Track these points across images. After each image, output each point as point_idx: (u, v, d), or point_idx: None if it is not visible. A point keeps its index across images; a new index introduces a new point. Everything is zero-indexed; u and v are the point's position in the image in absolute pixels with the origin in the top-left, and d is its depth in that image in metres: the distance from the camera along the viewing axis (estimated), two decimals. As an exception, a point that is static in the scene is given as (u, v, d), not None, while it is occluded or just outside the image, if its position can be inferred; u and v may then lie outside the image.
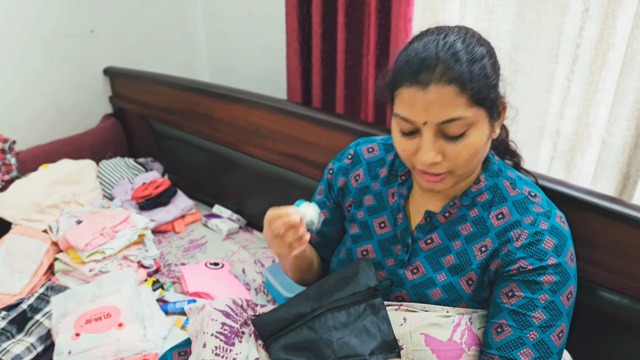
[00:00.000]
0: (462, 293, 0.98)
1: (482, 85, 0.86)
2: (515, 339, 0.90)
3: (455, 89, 0.85)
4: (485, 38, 0.94)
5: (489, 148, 0.96)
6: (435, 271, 1.01)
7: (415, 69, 0.87)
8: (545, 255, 0.91)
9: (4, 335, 1.35)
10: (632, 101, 1.33)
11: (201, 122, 2.05)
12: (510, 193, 0.99)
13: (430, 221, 1.03)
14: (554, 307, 0.90)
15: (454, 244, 1.00)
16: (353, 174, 1.15)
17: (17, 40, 2.01)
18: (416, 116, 0.88)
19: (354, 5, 1.76)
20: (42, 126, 2.18)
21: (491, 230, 0.97)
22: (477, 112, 0.87)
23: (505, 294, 0.93)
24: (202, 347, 1.02)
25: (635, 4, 1.26)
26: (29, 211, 1.75)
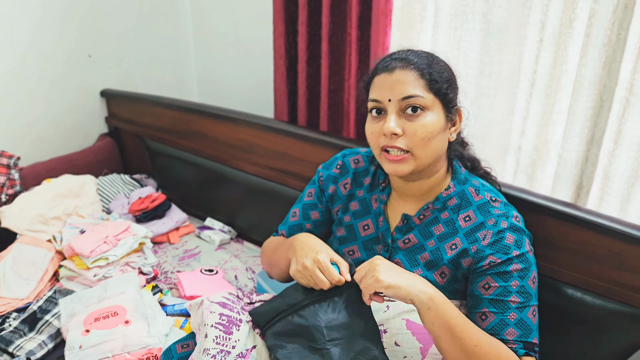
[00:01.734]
0: (437, 285, 1.11)
1: (439, 77, 1.05)
2: (499, 322, 1.03)
3: (416, 73, 1.05)
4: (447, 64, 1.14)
5: (445, 145, 1.11)
6: (412, 267, 1.13)
7: (386, 62, 1.09)
8: (509, 249, 1.06)
9: (17, 333, 1.42)
10: (582, 120, 1.48)
11: (194, 140, 2.16)
12: (474, 198, 1.13)
13: (407, 223, 1.16)
14: (525, 291, 1.04)
15: (428, 243, 1.14)
16: (342, 182, 1.28)
17: (21, 64, 2.10)
18: (383, 95, 1.06)
19: (336, 34, 1.90)
20: (42, 144, 2.26)
21: (460, 231, 1.11)
22: (434, 99, 1.06)
23: (482, 287, 1.06)
24: (204, 338, 1.11)
25: (582, 36, 1.42)
26: (34, 222, 1.83)
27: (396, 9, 1.73)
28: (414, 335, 1.06)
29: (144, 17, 2.49)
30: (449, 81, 1.08)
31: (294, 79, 2.11)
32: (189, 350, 1.22)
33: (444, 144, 1.11)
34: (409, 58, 1.07)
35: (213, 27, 2.58)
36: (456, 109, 1.11)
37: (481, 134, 1.70)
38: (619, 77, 1.39)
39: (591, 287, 1.25)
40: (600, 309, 1.24)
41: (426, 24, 1.72)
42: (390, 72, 1.07)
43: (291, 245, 1.16)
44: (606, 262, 1.21)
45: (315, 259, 1.06)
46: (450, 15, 1.66)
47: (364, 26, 1.79)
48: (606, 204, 1.52)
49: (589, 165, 1.52)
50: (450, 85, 1.09)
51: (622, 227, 1.18)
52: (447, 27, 1.68)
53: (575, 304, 1.28)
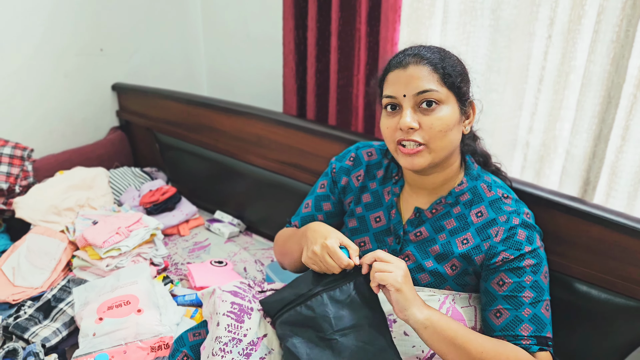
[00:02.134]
0: (446, 276, 1.12)
1: (452, 71, 1.06)
2: (514, 318, 1.05)
3: (429, 68, 1.06)
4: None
5: (459, 138, 1.12)
6: (423, 259, 1.15)
7: (400, 58, 1.10)
8: (521, 245, 1.07)
9: (32, 320, 1.45)
10: (590, 116, 1.49)
11: (204, 133, 2.18)
12: (486, 194, 1.15)
13: (419, 216, 1.17)
14: (538, 285, 1.06)
15: (439, 237, 1.15)
16: (355, 174, 1.29)
17: (34, 58, 2.13)
18: (398, 91, 1.07)
19: (346, 30, 1.91)
20: (55, 137, 2.29)
21: (471, 226, 1.13)
22: (448, 93, 1.06)
23: (496, 284, 1.08)
24: (217, 326, 1.13)
25: (590, 32, 1.43)
26: (47, 213, 1.85)
27: (405, 4, 1.74)
28: None
29: (155, 12, 2.51)
30: (462, 75, 1.10)
31: (303, 74, 2.12)
32: (201, 339, 1.24)
33: (459, 137, 1.12)
34: (422, 53, 1.08)
35: (223, 22, 2.59)
36: (470, 102, 1.13)
37: (489, 129, 1.71)
38: (627, 74, 1.39)
39: (597, 281, 1.26)
40: (606, 302, 1.25)
41: (435, 19, 1.73)
42: (404, 68, 1.07)
43: (303, 234, 1.17)
44: (613, 256, 1.22)
45: (323, 245, 1.07)
46: (459, 12, 1.67)
47: (373, 22, 1.80)
48: (613, 199, 1.53)
49: (597, 161, 1.53)
50: (463, 79, 1.10)
51: (630, 221, 1.19)
52: (456, 23, 1.69)
53: (582, 298, 1.29)
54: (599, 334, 1.28)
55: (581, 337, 1.31)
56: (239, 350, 1.10)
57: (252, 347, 1.11)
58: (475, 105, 1.16)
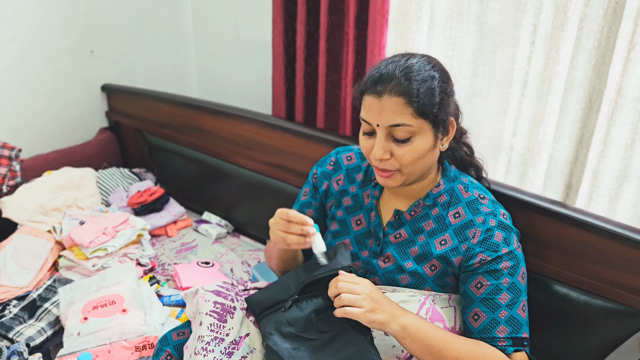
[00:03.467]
0: (426, 277, 1.14)
1: (427, 102, 1.03)
2: (490, 320, 1.06)
3: (403, 100, 1.02)
4: (444, 68, 1.11)
5: (436, 156, 1.12)
6: (403, 260, 1.16)
7: (375, 81, 1.05)
8: (498, 247, 1.08)
9: (17, 320, 1.45)
10: (573, 121, 1.51)
11: (193, 135, 2.18)
12: (463, 195, 1.16)
13: (399, 218, 1.19)
14: (515, 287, 1.07)
15: (418, 238, 1.16)
16: (335, 178, 1.30)
17: (24, 58, 2.12)
18: (372, 119, 1.06)
19: (334, 34, 1.92)
20: (43, 137, 2.28)
21: (449, 227, 1.14)
22: (422, 123, 1.04)
23: (474, 287, 1.09)
24: (199, 325, 1.14)
25: (573, 39, 1.45)
26: (34, 213, 1.85)
27: (393, 9, 1.76)
28: None
29: (146, 12, 2.51)
30: (441, 101, 1.05)
31: (292, 76, 2.13)
32: (185, 338, 1.25)
33: (434, 157, 1.11)
34: (398, 81, 1.03)
35: (213, 24, 2.60)
36: (448, 121, 1.09)
37: (474, 133, 1.71)
38: (608, 80, 1.42)
39: (577, 284, 1.27)
40: (585, 304, 1.27)
41: (422, 24, 1.75)
42: (378, 97, 1.04)
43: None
44: (593, 259, 1.24)
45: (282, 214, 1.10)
46: (445, 17, 1.69)
47: (361, 26, 1.82)
48: (595, 203, 1.55)
49: (579, 165, 1.55)
50: (442, 104, 1.06)
51: (609, 225, 1.21)
52: (442, 28, 1.71)
53: (561, 300, 1.30)
54: (579, 335, 1.30)
55: (561, 338, 1.33)
56: (221, 349, 1.11)
57: (234, 346, 1.12)
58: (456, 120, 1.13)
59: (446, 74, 1.10)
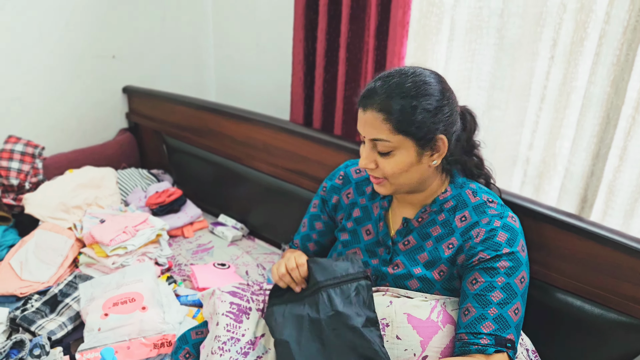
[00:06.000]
0: (434, 282, 1.16)
1: (405, 120, 1.07)
2: (479, 316, 1.06)
3: (382, 116, 1.07)
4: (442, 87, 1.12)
5: (424, 170, 1.14)
6: (412, 266, 1.18)
7: (364, 95, 1.12)
8: (500, 247, 1.09)
9: (39, 314, 1.48)
10: (589, 135, 1.52)
11: (212, 138, 2.22)
12: (471, 200, 1.17)
13: (407, 226, 1.21)
14: (510, 288, 1.07)
15: (426, 244, 1.19)
16: (345, 192, 1.34)
17: (49, 58, 2.17)
18: (360, 130, 1.13)
19: (354, 43, 1.95)
20: (65, 136, 2.32)
21: (456, 231, 1.16)
22: (402, 139, 1.08)
23: (470, 282, 1.10)
24: (216, 325, 1.17)
25: (592, 55, 1.47)
26: (56, 210, 1.89)
27: (413, 20, 1.78)
28: (414, 329, 1.10)
29: (168, 18, 2.55)
30: (422, 121, 1.08)
31: (311, 83, 2.16)
32: (203, 337, 1.28)
33: (422, 172, 1.14)
34: (380, 97, 1.08)
35: (233, 31, 2.64)
36: (437, 138, 1.11)
37: (491, 144, 1.74)
38: (626, 96, 1.43)
39: (591, 296, 1.28)
40: (599, 317, 1.28)
41: (442, 36, 1.77)
42: (364, 110, 1.11)
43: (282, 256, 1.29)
44: (607, 272, 1.25)
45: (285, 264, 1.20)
46: (465, 30, 1.71)
47: (381, 36, 1.84)
48: (609, 217, 1.56)
49: (594, 180, 1.56)
50: (424, 123, 1.08)
51: (624, 239, 1.22)
52: (461, 41, 1.73)
53: (575, 312, 1.31)
54: (592, 348, 1.31)
55: (574, 350, 1.34)
56: (237, 349, 1.13)
57: (249, 346, 1.15)
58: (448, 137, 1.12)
59: (444, 93, 1.12)
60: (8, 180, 1.96)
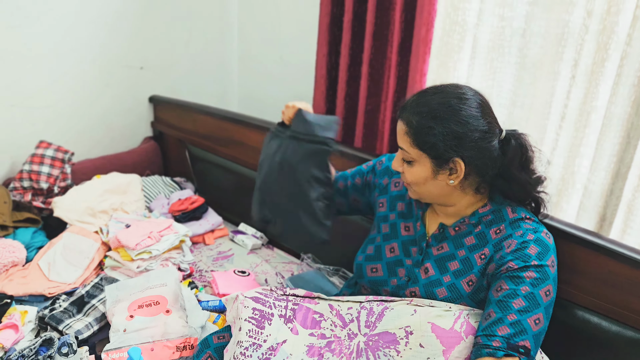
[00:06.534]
0: (463, 292, 1.18)
1: (421, 138, 1.14)
2: (497, 320, 1.07)
3: (406, 129, 1.18)
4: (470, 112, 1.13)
5: (443, 188, 1.18)
6: (442, 273, 1.21)
7: (402, 105, 1.22)
8: (529, 259, 1.11)
9: (66, 313, 1.52)
10: (609, 155, 1.53)
11: (234, 148, 2.26)
12: (509, 215, 1.20)
13: (443, 232, 1.24)
14: (533, 298, 1.07)
15: (458, 252, 1.21)
16: (395, 180, 1.41)
17: (79, 67, 2.24)
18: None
19: (377, 59, 1.99)
20: (92, 143, 2.39)
21: (490, 242, 1.18)
22: (420, 154, 1.17)
23: (495, 290, 1.12)
24: (239, 331, 1.19)
25: (613, 75, 1.49)
26: (83, 214, 1.94)
27: (436, 38, 1.81)
28: (437, 338, 1.12)
29: (195, 31, 2.62)
30: (435, 143, 1.13)
31: (333, 97, 2.20)
32: (225, 342, 1.30)
33: (441, 188, 1.19)
34: (409, 111, 1.18)
35: (258, 44, 2.69)
36: (453, 160, 1.14)
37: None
38: (647, 117, 1.44)
39: (609, 313, 1.29)
40: (616, 334, 1.28)
41: (464, 54, 1.80)
42: (400, 119, 1.20)
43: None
44: (625, 289, 1.25)
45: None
46: (487, 48, 1.74)
47: (404, 52, 1.88)
48: (628, 236, 1.56)
49: (613, 198, 1.57)
50: (438, 145, 1.13)
51: (642, 257, 1.23)
52: (483, 59, 1.76)
53: (593, 329, 1.32)
54: None
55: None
56: (259, 355, 1.15)
57: (271, 352, 1.17)
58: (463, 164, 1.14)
59: (476, 120, 1.13)
60: (38, 184, 2.02)
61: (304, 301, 1.28)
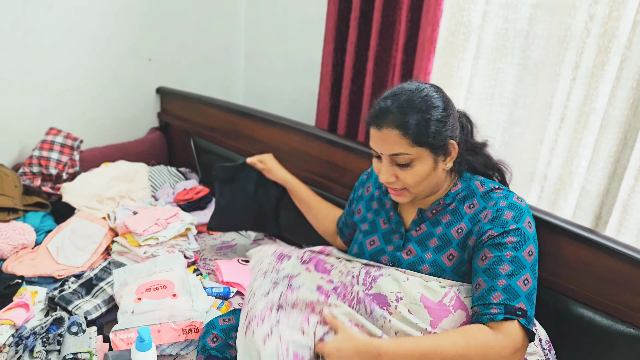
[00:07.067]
0: (444, 267, 1.22)
1: (421, 132, 1.15)
2: (489, 288, 1.11)
3: (399, 132, 1.15)
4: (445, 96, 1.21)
5: (440, 174, 1.22)
6: (423, 252, 1.26)
7: (376, 115, 1.19)
8: (507, 224, 1.15)
9: (75, 295, 1.55)
10: (606, 155, 1.56)
11: (240, 140, 2.29)
12: (479, 189, 1.25)
13: (422, 216, 1.29)
14: (518, 261, 1.12)
15: (436, 230, 1.26)
16: (367, 185, 1.48)
17: (91, 59, 2.27)
18: (376, 148, 1.21)
19: (382, 56, 2.02)
20: (100, 132, 2.42)
21: (465, 217, 1.23)
22: (420, 150, 1.16)
23: (480, 259, 1.16)
24: (260, 264, 1.31)
25: (612, 78, 1.52)
26: (91, 200, 1.97)
27: (441, 38, 1.85)
28: (425, 308, 1.16)
29: (202, 25, 2.65)
30: (436, 131, 1.16)
31: (338, 93, 2.23)
32: (230, 324, 1.34)
33: (438, 176, 1.22)
34: (394, 115, 1.15)
35: (264, 40, 2.72)
36: (448, 144, 1.19)
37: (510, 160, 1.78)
38: (645, 119, 1.48)
39: (603, 307, 1.32)
40: (608, 328, 1.31)
41: (467, 54, 1.83)
42: (379, 129, 1.17)
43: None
44: (619, 285, 1.29)
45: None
46: (491, 49, 1.77)
47: (409, 51, 1.91)
48: (622, 235, 1.60)
49: (609, 198, 1.60)
50: (438, 132, 1.16)
51: (637, 254, 1.26)
52: (487, 59, 1.79)
53: (586, 322, 1.35)
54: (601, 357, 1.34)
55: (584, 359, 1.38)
56: (277, 277, 1.26)
57: (286, 279, 1.26)
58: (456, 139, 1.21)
59: (447, 102, 1.20)
60: (47, 170, 2.04)
61: (318, 254, 1.37)
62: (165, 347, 1.42)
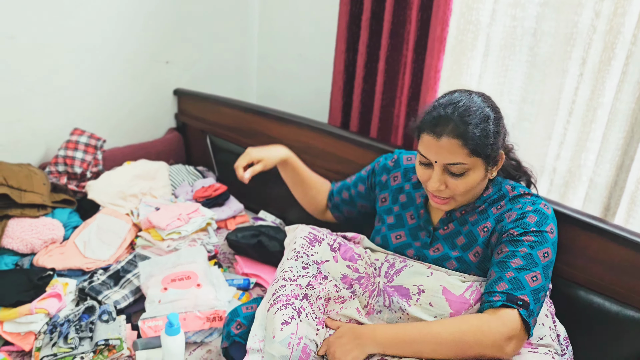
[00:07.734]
0: (470, 263, 1.26)
1: (481, 143, 1.15)
2: (497, 278, 1.14)
3: (460, 142, 1.14)
4: (496, 105, 1.22)
5: (485, 182, 1.24)
6: (451, 249, 1.29)
7: (435, 123, 1.17)
8: (528, 226, 1.18)
9: (104, 285, 1.61)
10: (614, 148, 1.60)
11: (255, 138, 2.34)
12: (509, 193, 1.28)
13: (450, 216, 1.32)
14: (531, 257, 1.14)
15: (463, 228, 1.29)
16: (393, 174, 1.47)
17: (109, 60, 2.33)
18: (430, 156, 1.19)
19: (393, 56, 2.06)
20: (120, 132, 2.48)
21: (491, 216, 1.26)
22: (476, 160, 1.17)
23: (496, 253, 1.19)
24: (293, 244, 1.33)
25: (619, 73, 1.56)
26: (115, 197, 2.03)
27: (450, 36, 1.89)
28: (447, 301, 1.20)
29: (217, 28, 2.71)
30: (493, 142, 1.17)
31: (350, 92, 2.28)
32: (252, 312, 1.38)
33: (484, 184, 1.25)
34: (455, 124, 1.13)
35: (278, 41, 2.78)
36: (498, 155, 1.21)
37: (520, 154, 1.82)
38: (650, 112, 1.51)
39: (611, 294, 1.36)
40: (617, 314, 1.35)
41: (477, 52, 1.87)
42: (437, 138, 1.15)
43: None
44: (628, 272, 1.32)
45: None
46: (499, 46, 1.81)
47: (419, 50, 1.95)
48: (631, 225, 1.63)
49: (617, 190, 1.64)
50: (494, 143, 1.17)
51: (641, 240, 1.30)
52: (495, 57, 1.83)
53: (595, 308, 1.39)
54: (610, 344, 1.38)
55: (594, 345, 1.41)
56: (307, 262, 1.29)
57: (315, 265, 1.30)
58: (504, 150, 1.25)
59: (498, 112, 1.22)
60: (72, 169, 2.11)
61: (349, 242, 1.39)
62: (190, 334, 1.48)
